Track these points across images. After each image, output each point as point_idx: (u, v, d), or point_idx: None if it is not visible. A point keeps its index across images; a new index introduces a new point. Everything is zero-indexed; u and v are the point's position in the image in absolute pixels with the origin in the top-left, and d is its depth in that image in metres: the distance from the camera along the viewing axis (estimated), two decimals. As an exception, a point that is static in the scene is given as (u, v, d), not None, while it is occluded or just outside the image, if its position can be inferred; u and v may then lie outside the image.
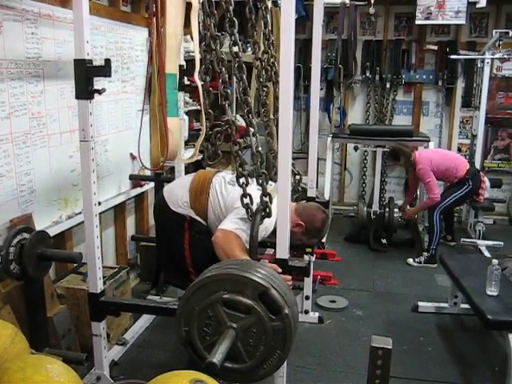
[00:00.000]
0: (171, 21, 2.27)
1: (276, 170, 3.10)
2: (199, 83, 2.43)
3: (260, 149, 2.37)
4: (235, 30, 2.36)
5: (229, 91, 2.35)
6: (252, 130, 2.41)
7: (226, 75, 2.37)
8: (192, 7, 2.39)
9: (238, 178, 2.36)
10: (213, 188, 2.65)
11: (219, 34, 2.35)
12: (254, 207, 2.38)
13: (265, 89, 3.08)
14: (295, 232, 2.66)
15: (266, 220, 2.40)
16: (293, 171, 3.29)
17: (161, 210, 2.78)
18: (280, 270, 2.17)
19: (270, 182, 2.49)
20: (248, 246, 2.43)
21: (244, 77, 2.41)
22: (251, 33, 2.86)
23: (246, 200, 2.37)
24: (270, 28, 3.07)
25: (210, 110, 2.59)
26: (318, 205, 3.05)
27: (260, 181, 2.33)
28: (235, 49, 2.39)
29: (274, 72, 3.08)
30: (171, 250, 2.77)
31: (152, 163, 2.61)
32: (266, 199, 2.33)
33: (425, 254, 4.64)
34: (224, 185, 2.66)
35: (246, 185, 2.36)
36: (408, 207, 5.15)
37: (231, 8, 2.31)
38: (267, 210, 2.36)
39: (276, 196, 2.48)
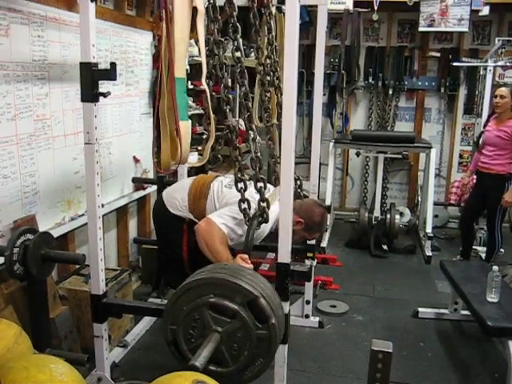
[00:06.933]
0: (179, 25, 2.28)
1: (277, 175, 3.14)
2: (206, 87, 2.44)
3: (259, 154, 2.40)
4: (238, 36, 2.38)
5: (230, 96, 2.36)
6: (252, 135, 2.44)
7: (229, 80, 2.38)
8: (198, 12, 2.40)
9: (236, 182, 2.38)
10: (211, 192, 2.70)
11: (222, 39, 2.37)
12: (252, 212, 2.40)
13: (267, 94, 3.09)
14: (296, 230, 2.68)
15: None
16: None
17: (160, 212, 2.82)
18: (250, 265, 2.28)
19: (269, 187, 2.51)
20: (231, 243, 2.49)
21: (246, 82, 2.43)
22: (255, 38, 2.88)
23: (244, 205, 2.39)
24: (273, 34, 3.10)
25: (213, 115, 2.61)
26: (313, 199, 3.07)
27: (258, 186, 2.36)
28: (237, 54, 2.42)
29: (276, 77, 3.11)
30: (170, 252, 2.80)
31: (162, 167, 2.62)
32: (264, 205, 2.36)
33: None
34: (221, 188, 2.71)
35: (245, 190, 2.39)
36: (469, 181, 4.81)
37: (235, 14, 2.33)
38: (264, 216, 2.39)
39: (274, 201, 2.52)
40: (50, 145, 2.86)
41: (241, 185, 2.38)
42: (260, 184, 2.36)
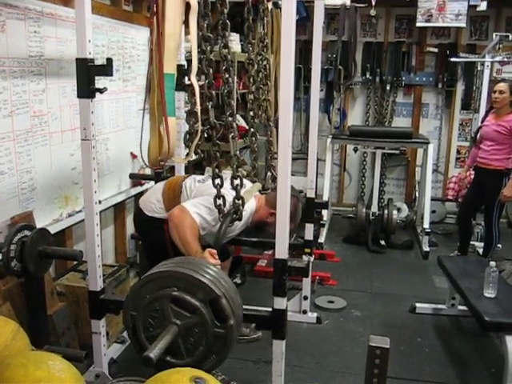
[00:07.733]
0: (170, 21, 2.28)
1: (257, 170, 3.17)
2: (195, 83, 2.44)
3: (238, 152, 2.42)
4: (227, 33, 2.39)
5: (213, 93, 2.37)
6: (232, 133, 2.46)
7: (224, 76, 2.39)
8: (191, 8, 2.40)
9: (213, 178, 2.41)
10: (184, 190, 2.74)
11: (211, 35, 2.37)
12: (227, 205, 2.45)
13: (257, 90, 3.10)
14: (271, 222, 2.70)
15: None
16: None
17: (139, 218, 2.89)
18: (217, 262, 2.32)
19: (245, 183, 2.59)
20: (202, 232, 2.52)
21: (230, 80, 2.45)
22: (247, 33, 2.86)
23: (219, 201, 2.42)
24: (265, 30, 3.09)
25: (196, 110, 2.60)
26: None
27: (235, 184, 2.38)
28: (225, 51, 2.42)
29: (264, 75, 3.11)
30: (157, 253, 2.80)
31: (150, 162, 2.64)
32: (239, 202, 2.37)
33: None
34: (194, 184, 2.75)
35: (221, 186, 2.41)
36: (466, 175, 4.88)
37: (226, 11, 2.33)
38: (238, 213, 2.42)
39: (250, 197, 2.55)
40: (47, 141, 2.86)
41: (217, 181, 2.41)
42: (236, 181, 2.39)
